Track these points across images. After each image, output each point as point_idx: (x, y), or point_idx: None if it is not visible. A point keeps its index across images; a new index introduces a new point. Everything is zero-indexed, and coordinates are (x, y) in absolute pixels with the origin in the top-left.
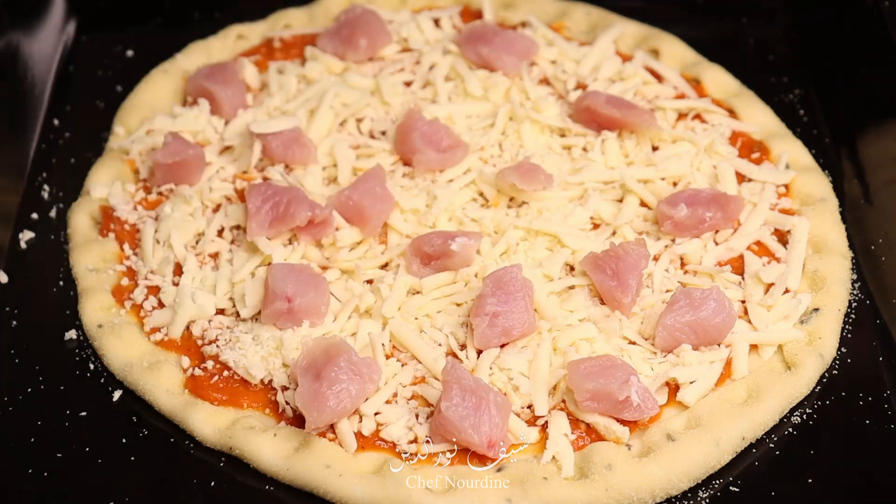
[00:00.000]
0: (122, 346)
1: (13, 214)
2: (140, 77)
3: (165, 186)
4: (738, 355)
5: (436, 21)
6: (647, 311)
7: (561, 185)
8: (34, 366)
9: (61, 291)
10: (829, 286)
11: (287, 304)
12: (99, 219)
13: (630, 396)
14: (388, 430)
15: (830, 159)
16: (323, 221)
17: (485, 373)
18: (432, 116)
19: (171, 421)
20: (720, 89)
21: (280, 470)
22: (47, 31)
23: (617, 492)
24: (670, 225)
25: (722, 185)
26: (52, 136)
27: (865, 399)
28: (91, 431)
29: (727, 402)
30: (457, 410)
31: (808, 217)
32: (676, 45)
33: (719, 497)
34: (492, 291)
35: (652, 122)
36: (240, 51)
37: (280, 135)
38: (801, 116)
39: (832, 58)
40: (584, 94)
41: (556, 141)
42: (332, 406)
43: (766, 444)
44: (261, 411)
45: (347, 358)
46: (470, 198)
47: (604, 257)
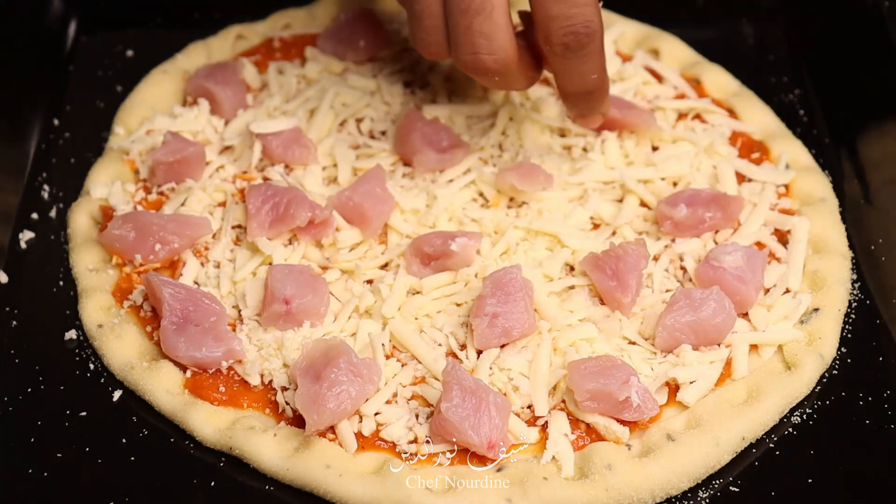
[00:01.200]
0: (122, 346)
1: (13, 214)
2: (140, 77)
3: (166, 186)
4: (738, 355)
5: None
6: (647, 311)
7: (561, 185)
8: (34, 366)
9: (61, 291)
10: (829, 286)
11: (285, 306)
12: (99, 219)
13: (630, 397)
14: (388, 431)
15: (830, 159)
16: (323, 222)
17: (485, 373)
18: (432, 116)
19: (171, 421)
20: (720, 89)
21: (280, 470)
22: (47, 31)
23: (617, 492)
24: (670, 225)
25: (722, 186)
26: (52, 136)
27: (865, 399)
28: (91, 431)
29: (727, 402)
30: (457, 411)
31: (808, 217)
32: (676, 45)
33: (719, 497)
34: (491, 292)
35: (652, 123)
36: (240, 51)
37: (280, 135)
38: (801, 116)
39: (832, 58)
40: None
41: (556, 141)
42: (332, 408)
43: (766, 444)
44: (261, 411)
45: (347, 359)
46: (470, 198)
47: (604, 257)
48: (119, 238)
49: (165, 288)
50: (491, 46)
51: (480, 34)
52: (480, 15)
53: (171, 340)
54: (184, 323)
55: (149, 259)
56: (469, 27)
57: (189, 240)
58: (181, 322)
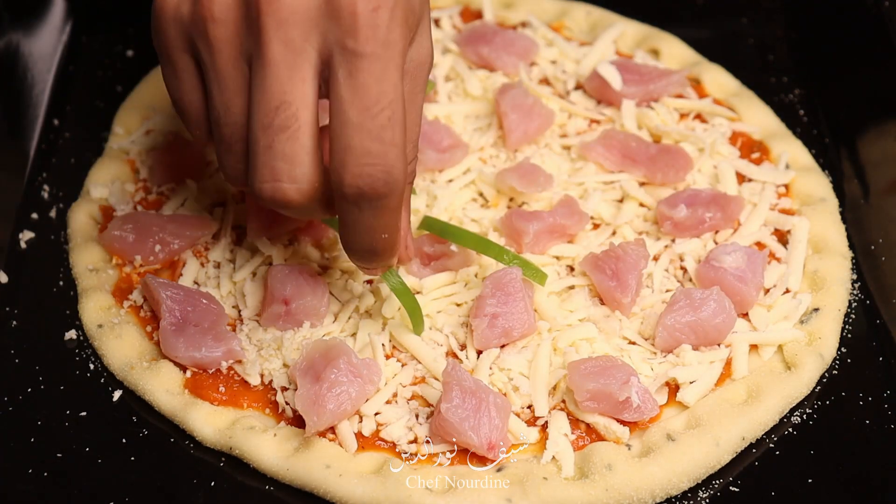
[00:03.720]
0: (121, 346)
1: (13, 214)
2: (140, 77)
3: (166, 186)
4: (738, 355)
5: (436, 21)
6: (647, 311)
7: (561, 185)
8: (34, 366)
9: (61, 291)
10: (829, 286)
11: (284, 306)
12: (99, 219)
13: (630, 397)
14: (388, 431)
15: (830, 159)
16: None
17: (485, 373)
18: (432, 116)
19: (171, 421)
20: (720, 89)
21: (280, 470)
22: (47, 31)
23: (617, 492)
24: (670, 225)
25: (722, 186)
26: (52, 136)
27: (865, 399)
28: (91, 431)
29: (727, 402)
30: (456, 412)
31: (808, 217)
32: (676, 45)
33: (719, 497)
34: (491, 293)
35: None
36: None
37: None
38: (801, 116)
39: (832, 58)
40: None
41: (557, 141)
42: (331, 409)
43: (766, 444)
44: (261, 411)
45: (347, 360)
46: (470, 198)
47: (603, 257)
48: (119, 239)
49: (163, 290)
50: (293, 173)
51: (282, 156)
52: (284, 133)
53: (170, 341)
54: (183, 323)
55: (149, 260)
56: (269, 147)
57: (189, 240)
58: (180, 323)
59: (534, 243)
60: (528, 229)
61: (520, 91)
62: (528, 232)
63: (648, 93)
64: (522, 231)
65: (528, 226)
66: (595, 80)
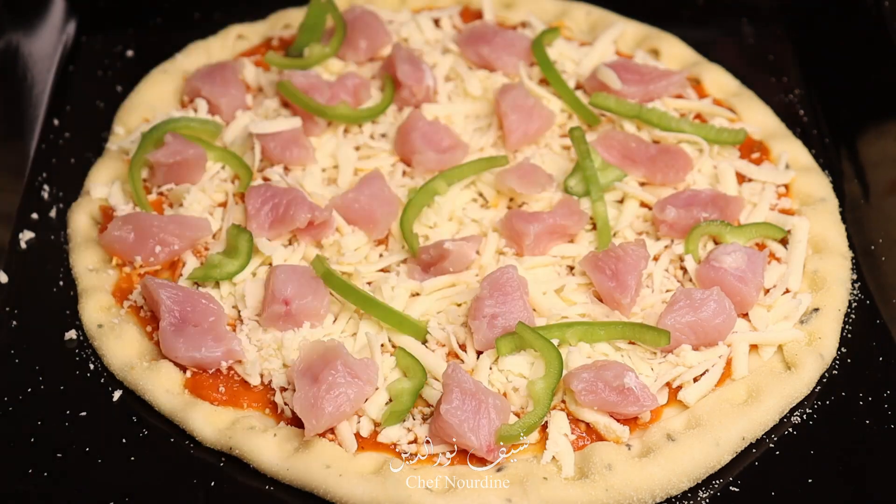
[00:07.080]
0: (122, 346)
1: (13, 214)
2: (140, 77)
3: (166, 186)
4: (738, 355)
5: (436, 21)
6: (647, 311)
7: (561, 185)
8: (34, 366)
9: (61, 291)
10: (829, 286)
11: (285, 307)
12: (99, 219)
13: (627, 384)
14: (388, 431)
15: (830, 159)
16: (323, 223)
17: (484, 373)
18: (432, 116)
19: (171, 421)
20: (720, 89)
21: (280, 470)
22: (47, 31)
23: (617, 492)
24: (665, 228)
25: (722, 186)
26: (52, 136)
27: (865, 399)
28: (91, 431)
29: (727, 402)
30: (456, 413)
31: (808, 217)
32: (676, 45)
33: (719, 497)
34: (489, 293)
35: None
36: (240, 51)
37: (278, 136)
38: (801, 116)
39: (832, 58)
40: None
41: (557, 141)
42: (330, 412)
43: (766, 444)
44: (261, 411)
45: (344, 361)
46: (470, 198)
47: (603, 257)
48: (119, 240)
49: (162, 291)
50: None
51: None
52: None
53: (170, 341)
54: (182, 324)
55: (149, 261)
56: None
57: (189, 241)
58: (180, 323)
59: (534, 245)
60: (529, 231)
61: (520, 92)
62: (529, 234)
63: (648, 93)
64: (523, 233)
65: (529, 227)
66: (595, 81)
